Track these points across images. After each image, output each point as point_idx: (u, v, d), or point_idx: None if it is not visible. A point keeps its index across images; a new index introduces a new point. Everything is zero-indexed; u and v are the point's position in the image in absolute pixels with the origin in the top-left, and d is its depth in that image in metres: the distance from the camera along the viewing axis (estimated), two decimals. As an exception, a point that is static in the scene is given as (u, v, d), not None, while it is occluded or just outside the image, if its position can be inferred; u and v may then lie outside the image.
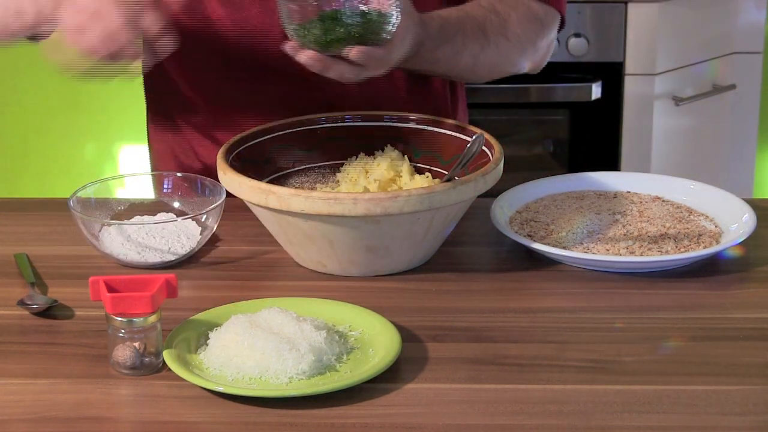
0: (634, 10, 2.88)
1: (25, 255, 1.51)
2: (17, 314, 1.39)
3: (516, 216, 1.58)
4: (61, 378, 1.25)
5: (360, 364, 1.26)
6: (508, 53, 1.67)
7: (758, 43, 3.05)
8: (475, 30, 1.62)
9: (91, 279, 1.26)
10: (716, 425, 1.17)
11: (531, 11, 1.68)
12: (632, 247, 1.49)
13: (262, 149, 1.59)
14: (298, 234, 1.44)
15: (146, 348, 1.25)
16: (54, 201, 1.69)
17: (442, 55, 1.59)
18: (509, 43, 1.65)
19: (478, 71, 1.67)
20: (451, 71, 1.67)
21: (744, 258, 1.51)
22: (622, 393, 1.22)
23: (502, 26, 1.64)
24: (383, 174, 1.54)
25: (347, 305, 1.36)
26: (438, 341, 1.32)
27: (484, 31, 1.62)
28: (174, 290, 1.27)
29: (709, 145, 3.11)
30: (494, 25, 1.63)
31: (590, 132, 2.99)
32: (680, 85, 2.98)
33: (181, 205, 1.60)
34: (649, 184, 1.65)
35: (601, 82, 2.92)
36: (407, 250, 1.45)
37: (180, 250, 1.50)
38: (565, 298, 1.43)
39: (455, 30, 1.60)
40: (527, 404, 1.20)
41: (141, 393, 1.23)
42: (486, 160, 1.49)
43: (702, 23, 2.98)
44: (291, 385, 1.22)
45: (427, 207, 1.39)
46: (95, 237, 1.51)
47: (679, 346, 1.31)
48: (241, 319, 1.28)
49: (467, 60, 1.63)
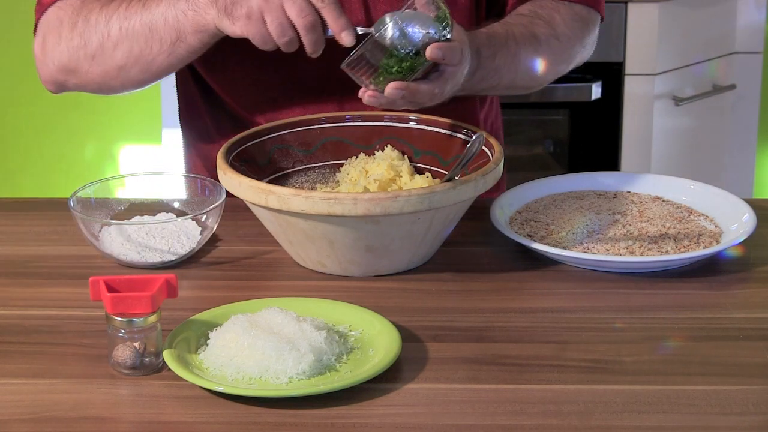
0: (634, 10, 2.87)
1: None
2: (17, 314, 1.39)
3: (516, 216, 1.58)
4: (61, 378, 1.25)
5: (360, 364, 1.26)
6: (561, 52, 1.68)
7: (758, 43, 3.05)
8: (524, 33, 1.62)
9: (91, 279, 1.26)
10: (716, 425, 1.17)
11: (573, 11, 1.70)
12: (632, 247, 1.49)
13: (262, 149, 1.59)
14: (298, 234, 1.44)
15: (146, 348, 1.25)
16: (54, 201, 1.69)
17: (501, 61, 1.58)
18: (560, 43, 1.66)
19: (537, 74, 1.66)
20: (514, 79, 1.64)
21: (744, 258, 1.51)
22: (622, 393, 1.22)
23: (549, 27, 1.65)
24: (383, 174, 1.54)
25: (347, 305, 1.36)
26: (438, 341, 1.32)
27: (533, 34, 1.63)
28: (174, 290, 1.27)
29: (709, 145, 3.10)
30: (542, 28, 1.65)
31: (590, 132, 2.99)
32: (680, 85, 2.98)
33: (181, 205, 1.61)
34: (649, 184, 1.65)
35: (601, 82, 2.92)
36: (407, 250, 1.45)
37: (180, 250, 1.50)
38: (565, 298, 1.43)
39: (504, 36, 1.59)
40: (527, 404, 1.20)
41: (141, 393, 1.23)
42: (486, 160, 1.49)
43: (702, 23, 2.98)
44: (291, 385, 1.22)
45: (427, 207, 1.39)
46: (95, 237, 1.51)
47: (679, 346, 1.31)
48: (241, 319, 1.28)
49: (525, 64, 1.62)
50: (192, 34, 1.53)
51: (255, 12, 1.46)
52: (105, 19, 1.58)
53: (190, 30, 1.53)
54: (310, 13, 1.45)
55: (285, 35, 1.46)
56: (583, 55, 1.74)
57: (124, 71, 1.60)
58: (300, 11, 1.45)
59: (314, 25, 1.45)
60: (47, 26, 1.63)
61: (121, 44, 1.57)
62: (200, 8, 1.51)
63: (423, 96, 1.44)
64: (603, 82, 2.92)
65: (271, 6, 1.45)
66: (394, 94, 1.42)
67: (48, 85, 1.68)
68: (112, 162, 3.44)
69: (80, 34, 1.60)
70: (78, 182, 1.66)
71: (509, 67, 1.59)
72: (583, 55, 1.74)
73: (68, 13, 1.61)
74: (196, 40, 1.54)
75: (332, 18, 1.45)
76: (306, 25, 1.45)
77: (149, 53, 1.57)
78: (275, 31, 1.46)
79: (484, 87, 1.60)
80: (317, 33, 1.46)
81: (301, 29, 1.45)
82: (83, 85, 1.65)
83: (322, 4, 1.45)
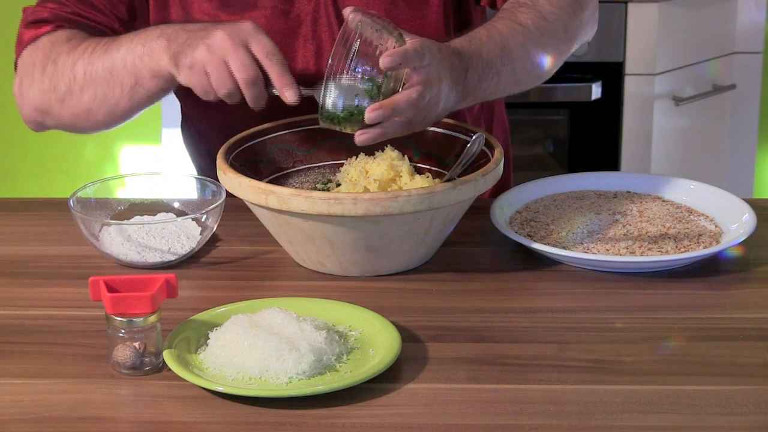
0: (634, 10, 2.87)
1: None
2: (17, 314, 1.39)
3: (516, 216, 1.58)
4: (61, 378, 1.25)
5: (360, 364, 1.26)
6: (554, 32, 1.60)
7: (758, 43, 3.05)
8: (508, 24, 1.55)
9: (91, 279, 1.26)
10: (716, 425, 1.17)
11: None
12: (632, 247, 1.49)
13: (262, 149, 1.59)
14: (298, 234, 1.44)
15: (146, 348, 1.25)
16: (54, 201, 1.69)
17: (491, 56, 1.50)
18: (549, 23, 1.59)
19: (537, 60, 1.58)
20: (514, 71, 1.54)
21: (744, 258, 1.51)
22: (622, 393, 1.22)
23: (534, 11, 1.58)
24: (383, 174, 1.54)
25: (347, 305, 1.36)
26: (438, 341, 1.32)
27: (518, 22, 1.56)
28: (174, 290, 1.27)
29: (709, 145, 3.10)
30: (525, 14, 1.58)
31: (590, 132, 2.99)
32: (680, 85, 2.98)
33: (181, 205, 1.61)
34: (649, 184, 1.65)
35: (601, 82, 2.92)
36: (407, 250, 1.45)
37: (180, 250, 1.50)
38: (565, 298, 1.43)
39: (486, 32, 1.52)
40: (527, 404, 1.20)
41: (141, 393, 1.23)
42: (486, 160, 1.49)
43: (702, 23, 2.98)
44: (291, 385, 1.22)
45: (427, 207, 1.39)
46: (95, 237, 1.51)
47: (679, 346, 1.31)
48: (241, 319, 1.28)
49: (519, 52, 1.54)
50: (148, 79, 1.55)
51: (198, 63, 1.48)
52: (71, 64, 1.61)
53: (147, 75, 1.55)
54: (251, 69, 1.46)
55: (224, 87, 1.47)
56: (586, 31, 1.67)
57: (92, 114, 1.62)
58: (242, 66, 1.46)
59: (255, 80, 1.46)
60: (23, 68, 1.66)
61: (86, 88, 1.60)
62: (155, 54, 1.53)
63: (404, 106, 1.38)
64: (603, 82, 2.92)
65: (213, 58, 1.46)
66: (374, 117, 1.38)
67: (29, 124, 1.71)
68: (112, 162, 3.43)
69: (50, 78, 1.63)
70: (78, 182, 1.67)
71: (503, 60, 1.52)
72: (585, 30, 1.66)
73: (39, 57, 1.64)
74: (153, 85, 1.56)
75: (276, 75, 1.46)
76: (246, 80, 1.46)
77: (112, 96, 1.59)
78: (215, 83, 1.47)
79: (487, 87, 1.52)
80: (258, 88, 1.47)
81: (241, 83, 1.46)
82: (58, 125, 1.69)
83: (269, 61, 1.46)
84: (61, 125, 1.68)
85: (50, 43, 1.63)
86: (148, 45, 1.54)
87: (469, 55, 1.47)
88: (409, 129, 1.41)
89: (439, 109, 1.42)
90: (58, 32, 1.64)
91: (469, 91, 1.48)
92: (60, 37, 1.63)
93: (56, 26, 1.65)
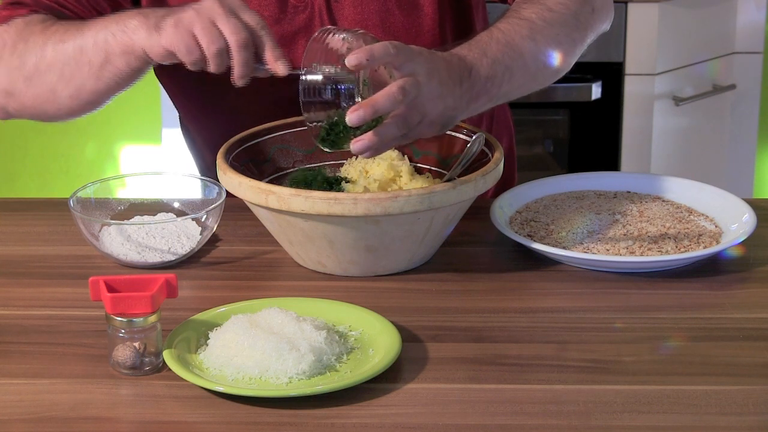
0: (634, 10, 2.87)
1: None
2: (17, 314, 1.39)
3: (516, 216, 1.58)
4: (61, 378, 1.25)
5: (360, 364, 1.26)
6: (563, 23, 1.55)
7: (758, 43, 3.05)
8: (511, 21, 1.51)
9: (91, 279, 1.26)
10: (716, 425, 1.17)
11: None
12: (632, 247, 1.49)
13: (262, 149, 1.59)
14: (298, 234, 1.44)
15: (146, 348, 1.25)
16: (54, 201, 1.69)
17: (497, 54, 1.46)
18: (555, 13, 1.54)
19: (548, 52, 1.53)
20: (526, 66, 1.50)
21: (744, 258, 1.51)
22: (622, 393, 1.22)
23: (537, 4, 1.54)
24: (383, 174, 1.54)
25: (347, 305, 1.36)
26: (438, 341, 1.32)
27: (522, 17, 1.52)
28: (174, 290, 1.27)
29: (709, 145, 3.10)
30: (529, 9, 1.53)
31: (590, 132, 2.99)
32: (680, 85, 2.98)
33: (181, 205, 1.61)
34: (649, 184, 1.65)
35: (601, 82, 2.92)
36: (407, 250, 1.45)
37: (180, 250, 1.50)
38: (565, 298, 1.43)
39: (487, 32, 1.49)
40: (527, 404, 1.20)
41: (141, 393, 1.23)
42: (486, 160, 1.49)
43: (702, 23, 2.98)
44: (291, 385, 1.22)
45: (427, 207, 1.39)
46: (95, 237, 1.51)
47: (679, 346, 1.31)
48: (241, 319, 1.28)
49: (529, 46, 1.49)
50: (119, 56, 1.49)
51: (184, 22, 1.42)
52: (42, 42, 1.55)
53: (118, 51, 1.49)
54: (243, 31, 1.41)
55: (215, 44, 1.41)
56: (602, 18, 1.61)
57: (56, 95, 1.56)
58: (234, 28, 1.40)
59: (247, 44, 1.41)
60: None
61: (53, 66, 1.54)
62: (129, 29, 1.48)
63: (383, 101, 1.33)
64: (603, 82, 2.92)
65: (202, 18, 1.41)
66: (355, 118, 1.33)
67: None
68: (112, 162, 3.44)
69: (19, 56, 1.57)
70: (78, 182, 1.66)
71: (510, 55, 1.47)
72: (601, 17, 1.61)
73: (11, 36, 1.59)
74: (123, 63, 1.50)
75: (270, 46, 1.42)
76: (239, 41, 1.40)
77: (79, 76, 1.53)
78: (205, 41, 1.41)
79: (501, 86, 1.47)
80: (249, 53, 1.41)
81: (233, 45, 1.41)
82: (20, 109, 1.61)
83: (262, 31, 1.42)
84: (23, 109, 1.60)
85: (24, 23, 1.59)
86: (122, 22, 1.49)
87: (471, 55, 1.44)
88: (406, 129, 1.37)
89: (440, 108, 1.38)
90: (34, 15, 1.59)
91: (479, 91, 1.43)
92: (35, 18, 1.59)
93: (33, 10, 1.60)
